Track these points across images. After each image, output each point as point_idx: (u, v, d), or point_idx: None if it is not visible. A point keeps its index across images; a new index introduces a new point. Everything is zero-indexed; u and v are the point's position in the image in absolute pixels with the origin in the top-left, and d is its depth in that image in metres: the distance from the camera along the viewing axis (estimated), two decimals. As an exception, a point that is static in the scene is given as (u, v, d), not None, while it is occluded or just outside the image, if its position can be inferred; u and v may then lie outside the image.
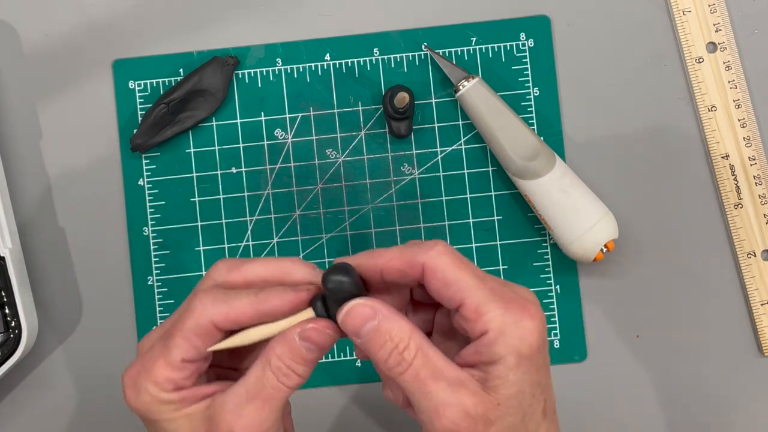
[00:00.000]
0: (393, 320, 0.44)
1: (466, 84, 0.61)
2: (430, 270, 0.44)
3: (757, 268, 0.63)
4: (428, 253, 0.44)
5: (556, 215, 0.60)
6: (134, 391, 0.45)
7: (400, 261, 0.45)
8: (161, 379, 0.44)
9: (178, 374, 0.45)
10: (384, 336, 0.44)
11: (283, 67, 0.64)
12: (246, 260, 0.47)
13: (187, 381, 0.45)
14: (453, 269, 0.44)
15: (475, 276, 0.44)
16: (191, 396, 0.45)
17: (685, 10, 0.64)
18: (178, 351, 0.44)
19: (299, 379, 0.45)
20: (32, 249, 0.64)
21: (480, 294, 0.43)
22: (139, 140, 0.63)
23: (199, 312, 0.44)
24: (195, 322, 0.44)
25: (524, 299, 0.44)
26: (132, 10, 0.64)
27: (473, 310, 0.43)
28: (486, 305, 0.43)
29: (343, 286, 0.44)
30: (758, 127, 0.64)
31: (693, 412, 0.64)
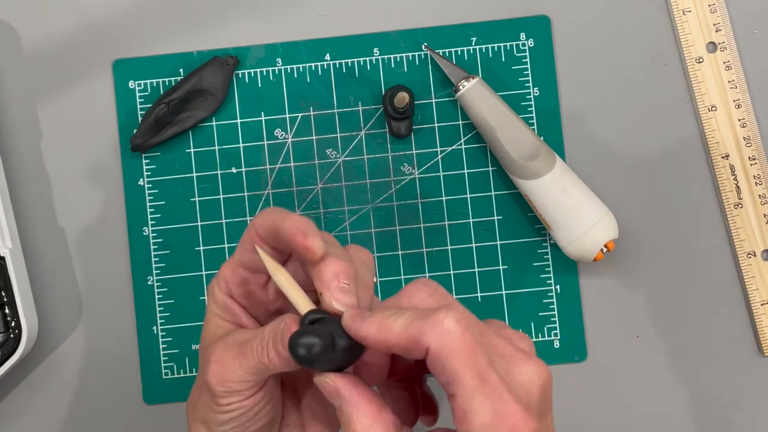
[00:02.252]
0: (354, 406, 0.42)
1: (466, 84, 0.61)
2: (433, 355, 0.40)
3: (757, 268, 0.63)
4: (434, 332, 0.40)
5: (556, 215, 0.60)
6: (215, 276, 0.48)
7: (406, 340, 0.41)
8: (222, 275, 0.47)
9: (231, 276, 0.47)
10: (344, 419, 0.42)
11: (283, 67, 0.64)
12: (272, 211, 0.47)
13: (235, 289, 0.47)
14: (456, 361, 0.40)
15: (476, 375, 0.40)
16: (230, 311, 0.47)
17: (685, 10, 0.64)
18: (237, 254, 0.46)
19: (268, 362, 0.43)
20: (32, 249, 0.64)
21: (473, 399, 0.40)
22: (139, 140, 0.63)
23: (253, 224, 0.45)
24: (250, 234, 0.46)
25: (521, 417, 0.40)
26: (132, 10, 0.64)
27: (461, 411, 0.40)
28: (475, 414, 0.40)
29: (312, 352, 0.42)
30: (758, 127, 0.64)
31: (693, 412, 0.64)
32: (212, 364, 0.44)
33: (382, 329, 0.41)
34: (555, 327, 0.64)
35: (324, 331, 0.42)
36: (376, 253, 0.64)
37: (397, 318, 0.41)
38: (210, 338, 0.47)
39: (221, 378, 0.44)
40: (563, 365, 0.64)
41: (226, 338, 0.45)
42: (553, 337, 0.64)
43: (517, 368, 0.42)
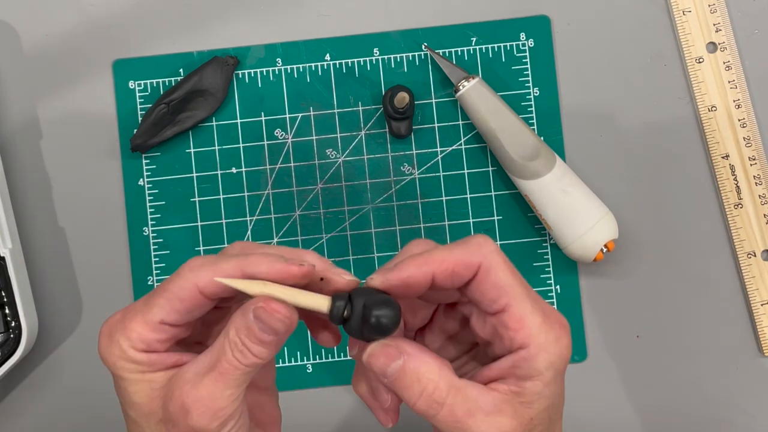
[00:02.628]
0: (419, 359, 0.42)
1: (466, 84, 0.61)
2: (484, 270, 0.42)
3: (757, 268, 0.63)
4: (482, 252, 0.43)
5: (556, 215, 0.60)
6: (107, 340, 0.43)
7: (452, 262, 0.42)
8: (134, 336, 0.42)
9: (152, 335, 0.43)
10: (411, 377, 0.42)
11: (283, 67, 0.64)
12: (262, 246, 0.45)
13: (161, 345, 0.43)
14: (506, 273, 0.43)
15: (522, 284, 0.43)
16: (159, 361, 0.43)
17: (685, 10, 0.64)
18: (158, 311, 0.42)
19: (255, 359, 0.42)
20: (32, 249, 0.64)
21: (526, 304, 0.42)
22: (139, 140, 0.63)
23: (185, 274, 0.42)
24: (180, 284, 0.42)
25: (559, 314, 0.44)
26: (132, 10, 0.64)
27: (517, 319, 0.42)
28: (530, 317, 0.42)
29: (383, 325, 0.42)
30: (758, 127, 0.64)
31: (693, 412, 0.64)
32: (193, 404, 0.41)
33: (424, 263, 0.42)
34: (555, 327, 0.64)
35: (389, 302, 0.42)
36: (377, 253, 0.64)
37: (432, 252, 0.43)
38: (148, 396, 0.43)
39: (212, 412, 0.42)
40: (563, 365, 0.64)
41: (182, 376, 0.42)
42: (553, 337, 0.64)
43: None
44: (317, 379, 0.64)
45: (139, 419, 0.43)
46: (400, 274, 0.42)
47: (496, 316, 0.43)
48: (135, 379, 0.43)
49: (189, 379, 0.42)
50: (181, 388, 0.42)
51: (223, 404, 0.42)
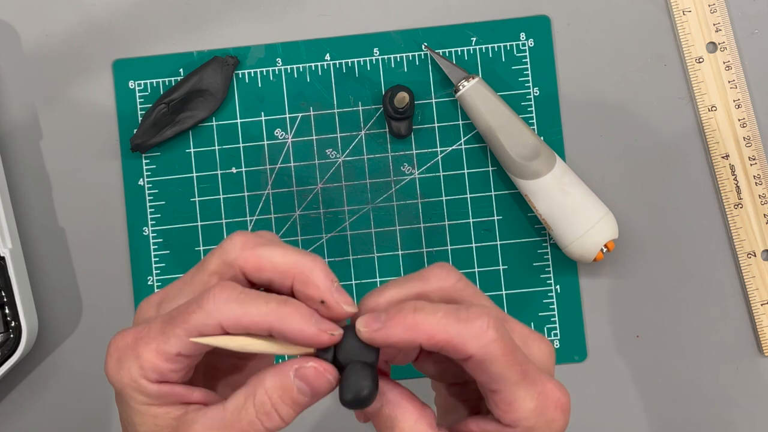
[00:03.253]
0: (397, 407, 0.41)
1: (466, 84, 0.61)
2: (476, 362, 0.40)
3: (757, 268, 0.63)
4: (479, 342, 0.40)
5: (556, 215, 0.60)
6: (117, 364, 0.40)
7: (444, 340, 0.40)
8: (148, 366, 0.40)
9: (167, 365, 0.40)
10: (386, 422, 0.41)
11: (283, 67, 0.64)
12: (265, 242, 0.41)
13: (174, 375, 0.41)
14: (501, 363, 0.40)
15: (519, 372, 0.40)
16: (170, 395, 0.41)
17: (685, 10, 0.64)
18: (176, 343, 0.40)
19: (281, 423, 0.40)
20: (32, 249, 0.64)
21: (518, 390, 0.40)
22: (139, 140, 0.63)
23: (209, 310, 0.39)
24: (203, 319, 0.39)
25: (558, 392, 0.42)
26: (132, 10, 0.64)
27: (506, 403, 0.41)
28: (522, 403, 0.41)
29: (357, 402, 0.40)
30: (758, 127, 0.64)
31: (693, 412, 0.64)
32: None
33: (414, 328, 0.40)
34: (555, 327, 0.64)
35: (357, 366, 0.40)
36: (376, 253, 0.64)
37: (427, 315, 0.40)
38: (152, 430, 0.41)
39: None
40: (563, 365, 0.64)
41: (190, 430, 0.40)
42: (553, 337, 0.64)
43: (534, 347, 0.43)
44: (317, 379, 0.64)
45: None
46: (386, 335, 0.40)
47: (489, 394, 0.41)
48: (141, 411, 0.41)
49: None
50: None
51: None
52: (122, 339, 0.41)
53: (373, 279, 0.64)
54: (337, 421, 0.64)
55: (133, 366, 0.40)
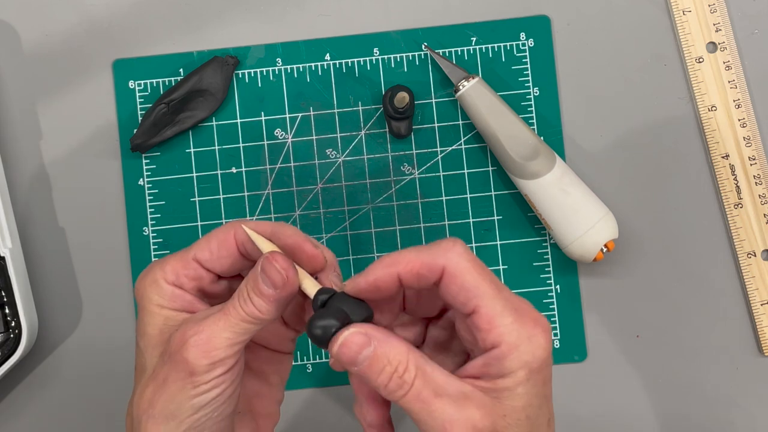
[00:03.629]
0: (388, 343, 0.43)
1: (466, 84, 0.61)
2: (449, 273, 0.43)
3: (757, 268, 0.63)
4: (447, 255, 0.43)
5: (556, 215, 0.60)
6: (144, 273, 0.47)
7: (418, 264, 0.44)
8: (168, 267, 0.47)
9: (183, 269, 0.47)
10: (382, 361, 0.43)
11: (283, 67, 0.64)
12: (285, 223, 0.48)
13: (187, 282, 0.47)
14: (472, 274, 0.43)
15: (492, 284, 0.43)
16: (180, 298, 0.47)
17: (685, 10, 0.64)
18: (194, 248, 0.47)
19: (255, 311, 0.45)
20: (32, 249, 0.64)
21: (495, 304, 0.43)
22: (139, 140, 0.63)
23: (227, 225, 0.47)
24: (220, 230, 0.47)
25: (535, 312, 0.44)
26: (132, 10, 0.64)
27: (487, 320, 0.43)
28: (500, 317, 0.43)
29: (327, 332, 0.44)
30: (758, 127, 0.64)
31: (693, 412, 0.64)
32: (191, 338, 0.44)
33: (391, 264, 0.44)
34: (555, 327, 0.64)
35: (334, 309, 0.44)
36: (376, 253, 0.64)
37: (400, 253, 0.44)
38: (160, 329, 0.46)
39: (205, 348, 0.44)
40: (563, 365, 0.64)
41: (192, 317, 0.46)
42: (553, 337, 0.64)
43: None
44: (317, 379, 0.64)
45: (146, 349, 0.46)
46: (367, 278, 0.44)
47: (469, 319, 0.43)
48: (154, 312, 0.46)
49: (195, 317, 0.45)
50: (186, 324, 0.45)
51: (217, 345, 0.44)
52: (155, 260, 0.48)
53: (373, 279, 0.64)
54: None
55: (157, 270, 0.47)
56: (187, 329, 0.44)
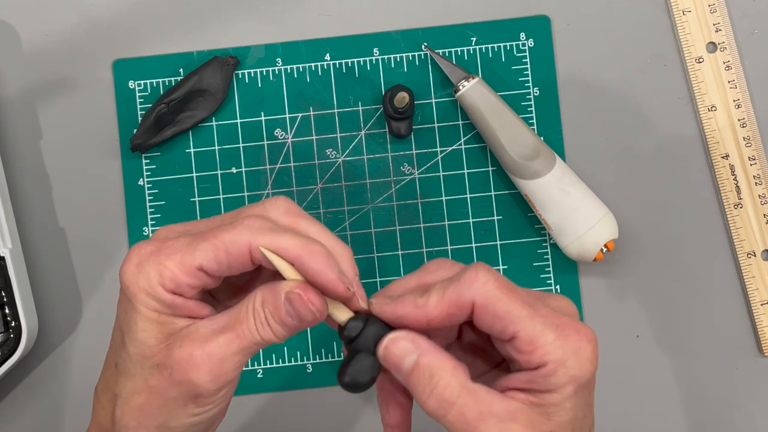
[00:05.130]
0: (434, 356, 0.41)
1: (466, 84, 0.61)
2: (480, 306, 0.41)
3: (757, 268, 0.63)
4: (473, 287, 0.41)
5: (556, 215, 0.60)
6: (136, 268, 0.42)
7: (446, 307, 0.42)
8: (168, 274, 0.41)
9: (186, 279, 0.42)
10: (424, 373, 0.41)
11: (283, 67, 0.64)
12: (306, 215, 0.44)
13: (189, 291, 0.42)
14: (503, 301, 0.41)
15: (526, 305, 0.41)
16: (182, 307, 0.42)
17: (685, 10, 0.64)
18: (200, 256, 0.41)
19: (272, 336, 0.42)
20: (32, 249, 0.64)
21: (534, 325, 0.41)
22: (139, 140, 0.63)
23: (240, 231, 0.41)
24: (232, 237, 0.41)
25: (577, 323, 0.42)
26: (132, 10, 0.64)
27: (528, 342, 0.41)
28: (542, 336, 0.41)
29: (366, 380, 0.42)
30: (758, 127, 0.64)
31: (693, 412, 0.64)
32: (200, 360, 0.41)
33: (419, 307, 0.42)
34: (555, 327, 0.64)
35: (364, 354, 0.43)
36: (376, 253, 0.64)
37: (428, 294, 0.42)
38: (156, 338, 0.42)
39: (216, 373, 0.41)
40: (563, 365, 0.64)
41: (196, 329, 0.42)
42: (553, 337, 0.64)
43: (550, 300, 0.43)
44: (317, 379, 0.64)
45: (135, 355, 0.43)
46: (395, 310, 0.43)
47: (509, 343, 0.42)
48: (150, 318, 0.42)
49: (204, 334, 0.41)
50: (193, 340, 0.41)
51: (228, 368, 0.41)
52: (145, 246, 0.42)
53: (373, 279, 0.64)
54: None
55: (153, 272, 0.41)
56: (193, 348, 0.41)
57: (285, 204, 0.43)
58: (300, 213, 0.43)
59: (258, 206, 0.43)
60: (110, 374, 0.45)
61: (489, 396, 0.41)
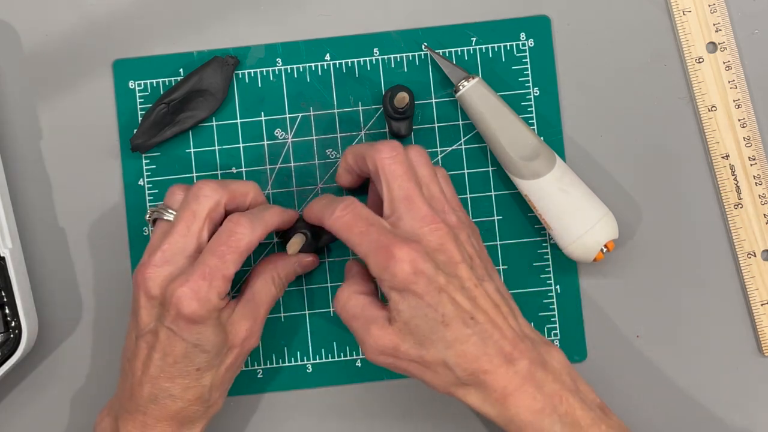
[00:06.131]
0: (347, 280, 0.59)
1: (466, 84, 0.61)
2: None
3: (757, 268, 0.63)
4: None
5: (556, 215, 0.60)
6: (199, 302, 0.54)
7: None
8: (222, 290, 0.55)
9: (226, 286, 0.55)
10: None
11: (283, 67, 0.64)
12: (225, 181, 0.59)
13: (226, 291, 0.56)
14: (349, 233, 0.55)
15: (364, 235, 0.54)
16: (223, 305, 0.56)
17: (685, 10, 0.64)
18: (232, 267, 0.55)
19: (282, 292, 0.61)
20: (32, 249, 0.64)
21: (367, 248, 0.53)
22: (139, 140, 0.63)
23: (248, 238, 0.55)
24: (246, 243, 0.55)
25: (395, 243, 0.52)
26: (132, 10, 0.64)
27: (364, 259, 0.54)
28: (368, 257, 0.53)
29: None
30: (758, 127, 0.64)
31: (693, 412, 0.64)
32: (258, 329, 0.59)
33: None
34: (555, 327, 0.64)
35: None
36: (376, 253, 0.64)
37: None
38: (219, 333, 0.56)
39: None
40: (563, 365, 0.64)
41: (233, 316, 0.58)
42: (553, 337, 0.64)
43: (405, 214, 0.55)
44: (317, 379, 0.64)
45: (212, 350, 0.56)
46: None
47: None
48: (212, 322, 0.55)
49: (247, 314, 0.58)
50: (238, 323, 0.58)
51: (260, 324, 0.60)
52: (186, 282, 0.54)
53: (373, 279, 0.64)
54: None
55: (213, 295, 0.54)
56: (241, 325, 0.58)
57: (210, 186, 0.57)
58: (222, 183, 0.58)
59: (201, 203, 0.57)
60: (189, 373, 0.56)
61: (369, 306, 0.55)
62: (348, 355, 0.64)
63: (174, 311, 0.54)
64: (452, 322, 0.52)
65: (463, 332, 0.52)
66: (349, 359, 0.64)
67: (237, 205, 0.58)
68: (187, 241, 0.56)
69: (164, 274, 0.55)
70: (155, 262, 0.55)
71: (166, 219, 0.58)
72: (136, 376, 0.56)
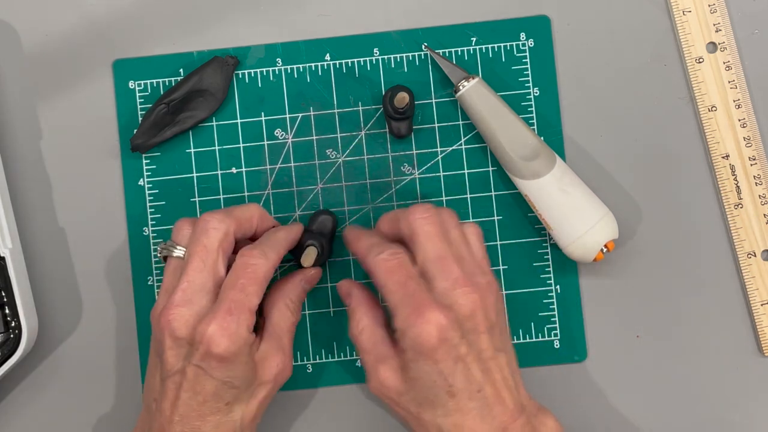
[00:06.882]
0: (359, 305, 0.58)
1: (466, 84, 0.61)
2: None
3: (757, 268, 0.63)
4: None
5: (556, 215, 0.60)
6: (230, 339, 0.53)
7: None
8: (250, 322, 0.54)
9: (253, 318, 0.55)
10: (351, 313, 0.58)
11: (283, 67, 0.64)
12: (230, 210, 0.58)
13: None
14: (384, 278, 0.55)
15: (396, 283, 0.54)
16: (253, 339, 0.55)
17: (685, 10, 0.64)
18: (255, 300, 0.55)
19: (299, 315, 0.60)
20: (32, 249, 0.64)
21: (395, 298, 0.53)
22: (139, 140, 0.63)
23: (265, 267, 0.55)
24: (264, 274, 0.55)
25: (430, 305, 0.52)
26: (132, 10, 0.64)
27: (391, 308, 0.54)
28: (397, 308, 0.53)
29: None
30: (758, 127, 0.64)
31: (693, 412, 0.64)
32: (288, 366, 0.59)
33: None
34: (555, 327, 0.64)
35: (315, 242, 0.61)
36: (376, 253, 0.64)
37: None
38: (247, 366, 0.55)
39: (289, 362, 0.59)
40: (563, 365, 0.64)
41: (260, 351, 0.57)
42: (553, 337, 0.64)
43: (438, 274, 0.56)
44: (317, 379, 0.64)
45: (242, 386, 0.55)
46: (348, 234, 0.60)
47: None
48: (243, 359, 0.54)
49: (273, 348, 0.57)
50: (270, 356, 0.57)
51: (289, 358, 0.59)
52: (213, 321, 0.53)
53: (373, 279, 0.64)
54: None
55: (243, 330, 0.54)
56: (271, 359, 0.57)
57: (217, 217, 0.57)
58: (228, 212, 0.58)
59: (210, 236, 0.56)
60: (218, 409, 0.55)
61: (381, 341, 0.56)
62: (348, 355, 0.64)
63: (204, 350, 0.53)
64: (459, 393, 0.53)
65: (466, 405, 0.53)
66: (349, 359, 0.64)
67: (244, 231, 0.58)
68: (204, 277, 0.55)
69: (188, 314, 0.54)
70: (177, 302, 0.54)
71: (176, 256, 0.57)
72: (165, 415, 0.55)
